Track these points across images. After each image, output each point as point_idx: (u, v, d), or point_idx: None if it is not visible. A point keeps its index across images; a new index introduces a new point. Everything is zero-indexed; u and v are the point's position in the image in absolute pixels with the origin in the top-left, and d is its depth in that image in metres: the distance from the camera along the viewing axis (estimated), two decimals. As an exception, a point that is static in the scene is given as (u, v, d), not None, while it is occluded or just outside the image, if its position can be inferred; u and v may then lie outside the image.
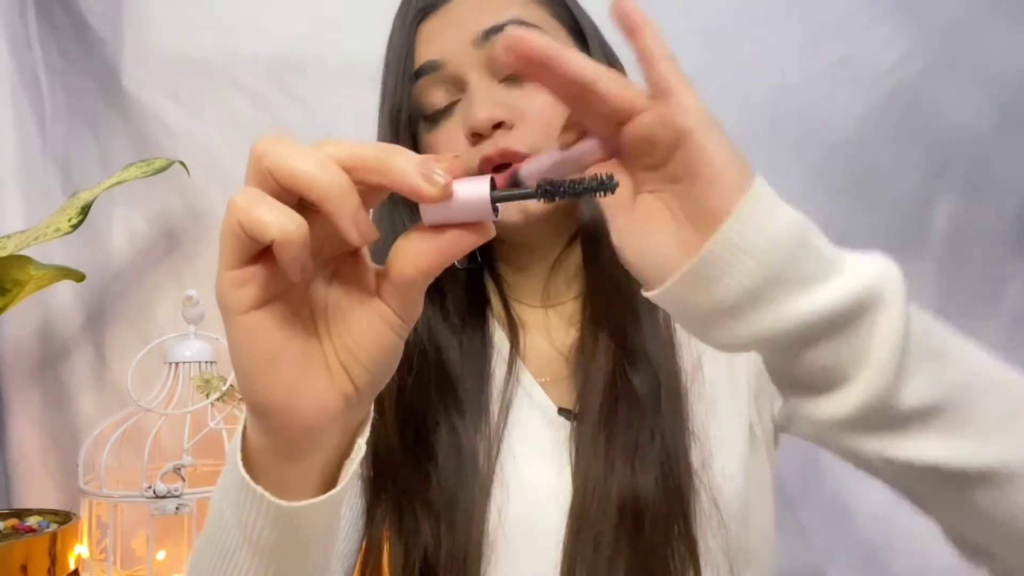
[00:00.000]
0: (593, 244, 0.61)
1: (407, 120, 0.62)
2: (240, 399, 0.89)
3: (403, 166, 0.30)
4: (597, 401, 0.59)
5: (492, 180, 0.31)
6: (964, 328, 0.39)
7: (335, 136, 0.31)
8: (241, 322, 0.32)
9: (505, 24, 0.58)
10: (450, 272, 0.64)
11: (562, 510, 0.57)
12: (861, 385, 0.35)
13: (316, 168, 0.29)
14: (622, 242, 0.38)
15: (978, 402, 0.37)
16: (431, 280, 0.34)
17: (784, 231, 0.34)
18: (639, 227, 0.38)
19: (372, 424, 0.38)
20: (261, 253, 0.31)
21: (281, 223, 0.29)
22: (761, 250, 0.34)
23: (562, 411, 0.62)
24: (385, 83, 0.64)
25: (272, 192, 0.30)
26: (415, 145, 0.63)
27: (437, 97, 0.61)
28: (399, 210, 0.63)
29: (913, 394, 0.35)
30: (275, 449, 0.35)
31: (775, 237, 0.34)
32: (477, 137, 0.58)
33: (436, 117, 0.61)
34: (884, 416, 0.35)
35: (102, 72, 1.04)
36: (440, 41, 0.60)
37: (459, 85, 0.60)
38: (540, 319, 0.67)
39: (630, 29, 0.37)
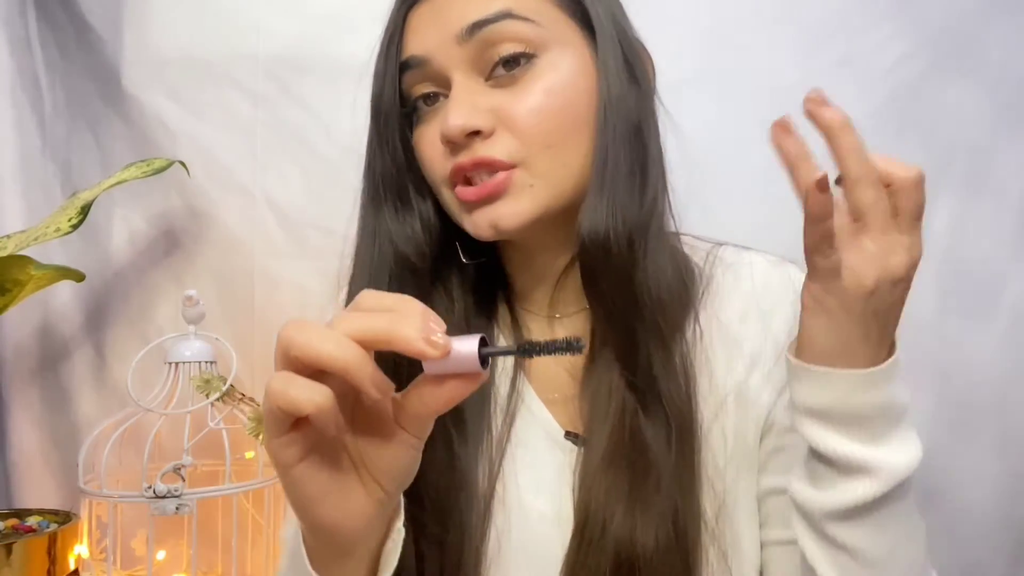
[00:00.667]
0: (590, 270, 0.56)
1: (396, 110, 0.58)
2: (240, 399, 0.89)
3: (408, 334, 0.35)
4: (603, 443, 0.55)
5: (483, 338, 0.37)
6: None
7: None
8: (292, 474, 0.40)
9: (493, 16, 0.54)
10: (458, 273, 0.62)
11: (562, 544, 0.55)
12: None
13: (335, 348, 0.35)
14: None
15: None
16: (440, 414, 0.40)
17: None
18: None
19: None
20: (299, 419, 0.38)
21: (312, 399, 0.35)
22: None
23: (569, 435, 0.59)
24: (375, 66, 0.60)
25: (300, 372, 0.36)
26: (404, 136, 0.59)
27: (423, 92, 0.58)
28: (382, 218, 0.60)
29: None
30: (330, 553, 0.44)
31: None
32: (452, 144, 0.55)
33: (423, 112, 0.58)
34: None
35: (102, 72, 1.04)
36: (426, 33, 0.56)
37: (444, 83, 0.56)
38: (545, 330, 0.64)
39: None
